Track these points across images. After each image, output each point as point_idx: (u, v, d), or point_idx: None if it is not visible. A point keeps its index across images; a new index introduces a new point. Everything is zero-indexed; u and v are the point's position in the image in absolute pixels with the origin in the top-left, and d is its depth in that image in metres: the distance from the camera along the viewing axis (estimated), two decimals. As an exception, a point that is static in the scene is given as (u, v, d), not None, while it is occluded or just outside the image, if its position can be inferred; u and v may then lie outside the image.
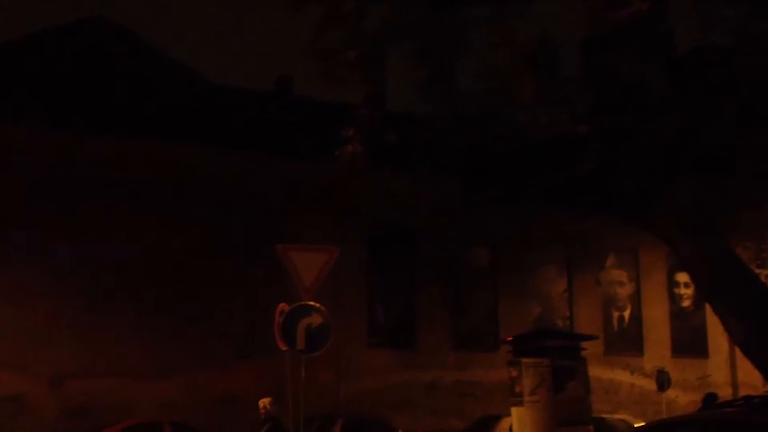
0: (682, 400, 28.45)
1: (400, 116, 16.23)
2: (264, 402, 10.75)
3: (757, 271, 22.95)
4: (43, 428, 21.01)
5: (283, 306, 11.48)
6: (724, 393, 27.44)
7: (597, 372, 24.29)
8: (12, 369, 21.49)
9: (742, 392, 25.73)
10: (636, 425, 20.95)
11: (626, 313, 31.71)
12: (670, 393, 27.30)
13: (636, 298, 31.87)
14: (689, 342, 31.72)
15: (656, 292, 32.07)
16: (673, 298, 32.41)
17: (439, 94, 13.22)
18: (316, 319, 11.25)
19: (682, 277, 30.36)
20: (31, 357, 21.79)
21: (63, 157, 22.98)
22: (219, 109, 25.91)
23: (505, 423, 21.87)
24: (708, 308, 17.54)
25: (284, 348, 11.39)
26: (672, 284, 32.22)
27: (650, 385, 28.23)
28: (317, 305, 11.36)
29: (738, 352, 19.17)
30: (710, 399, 18.72)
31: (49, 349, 22.01)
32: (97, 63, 25.65)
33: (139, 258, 23.51)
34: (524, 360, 14.70)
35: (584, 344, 15.60)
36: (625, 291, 31.86)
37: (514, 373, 14.91)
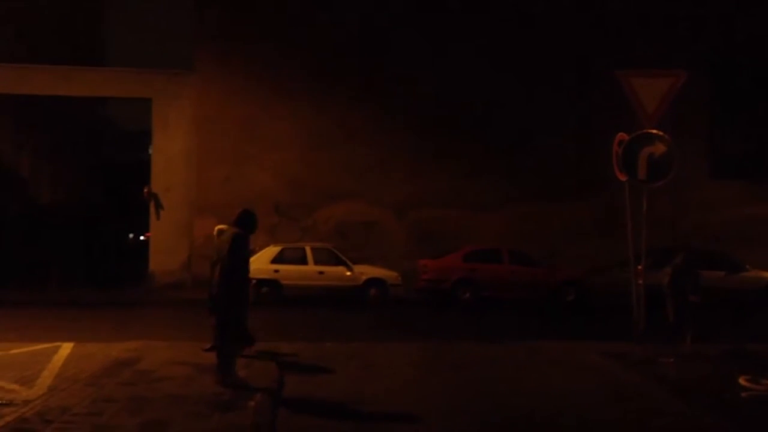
0: None
1: None
2: (216, 228, 10.46)
3: None
4: (395, 249, 23.14)
5: (621, 135, 10.94)
6: None
7: None
8: (365, 199, 23.80)
9: None
10: None
11: None
12: None
13: None
14: None
15: None
16: None
17: None
18: (659, 148, 10.57)
19: None
20: (379, 189, 23.79)
21: None
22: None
23: None
24: None
25: (623, 179, 10.94)
26: None
27: None
28: (660, 133, 10.65)
29: None
30: None
31: (392, 183, 23.85)
32: None
33: (474, 100, 24.01)
34: None
35: None
36: None
37: None
